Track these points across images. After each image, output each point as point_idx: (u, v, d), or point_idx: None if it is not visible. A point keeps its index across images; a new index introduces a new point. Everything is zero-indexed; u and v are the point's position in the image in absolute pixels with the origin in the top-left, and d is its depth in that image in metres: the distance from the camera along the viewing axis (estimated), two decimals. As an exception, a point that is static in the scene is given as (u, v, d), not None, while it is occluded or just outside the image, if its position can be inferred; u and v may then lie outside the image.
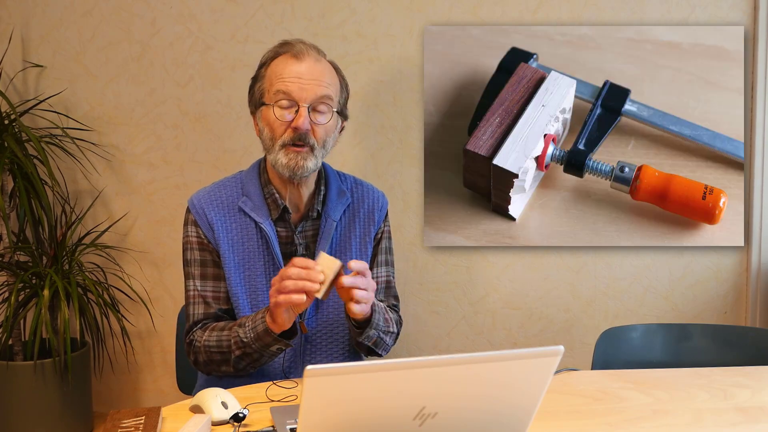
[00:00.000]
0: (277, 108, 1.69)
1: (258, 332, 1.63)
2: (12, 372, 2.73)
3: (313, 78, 1.69)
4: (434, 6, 2.81)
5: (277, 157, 1.70)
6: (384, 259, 1.89)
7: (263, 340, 1.63)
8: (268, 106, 1.71)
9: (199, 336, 1.73)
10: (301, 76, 1.69)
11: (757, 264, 2.82)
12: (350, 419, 1.12)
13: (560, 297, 2.90)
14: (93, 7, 2.88)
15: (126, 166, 2.95)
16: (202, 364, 1.73)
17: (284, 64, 1.71)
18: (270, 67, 1.74)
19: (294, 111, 1.69)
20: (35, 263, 2.83)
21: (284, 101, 1.69)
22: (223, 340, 1.68)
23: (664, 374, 1.74)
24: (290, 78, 1.69)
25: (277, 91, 1.69)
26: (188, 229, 1.78)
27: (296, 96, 1.68)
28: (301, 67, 1.70)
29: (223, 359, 1.69)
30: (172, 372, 2.91)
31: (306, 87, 1.68)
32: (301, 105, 1.68)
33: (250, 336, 1.64)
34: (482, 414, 1.17)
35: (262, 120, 1.73)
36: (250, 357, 1.66)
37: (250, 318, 1.66)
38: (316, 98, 1.69)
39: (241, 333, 1.65)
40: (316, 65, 1.71)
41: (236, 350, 1.66)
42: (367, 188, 1.89)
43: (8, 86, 2.93)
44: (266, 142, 1.73)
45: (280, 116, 1.69)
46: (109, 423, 1.39)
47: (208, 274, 1.76)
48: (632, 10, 2.78)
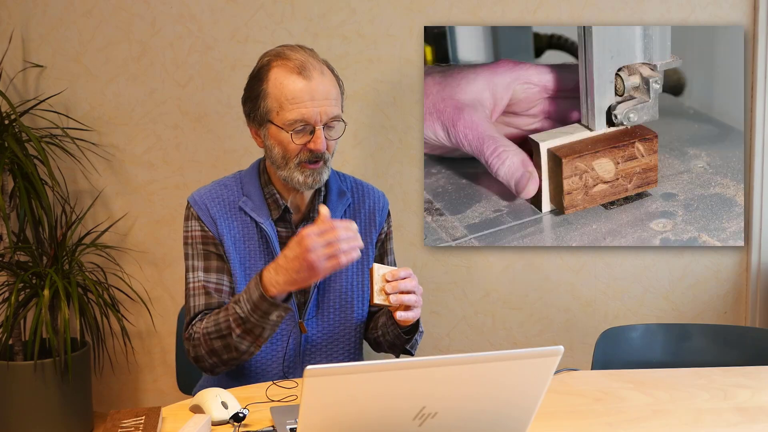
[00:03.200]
0: (295, 135, 1.67)
1: (254, 301, 1.60)
2: (12, 372, 2.73)
3: (325, 98, 1.67)
4: (434, 6, 2.81)
5: (293, 175, 1.69)
6: (392, 260, 1.92)
7: (261, 308, 1.59)
8: (279, 128, 1.68)
9: (197, 327, 1.68)
10: (313, 97, 1.66)
11: (757, 264, 2.82)
12: (350, 419, 1.12)
13: (560, 297, 2.90)
14: (93, 7, 2.88)
15: (126, 166, 2.95)
16: (205, 357, 1.67)
17: (291, 82, 1.66)
18: (273, 82, 1.68)
19: (309, 132, 1.67)
20: (35, 263, 2.83)
21: (300, 126, 1.67)
22: (221, 321, 1.64)
23: (664, 374, 1.74)
24: (303, 102, 1.65)
25: (295, 121, 1.65)
26: (190, 223, 1.75)
27: (313, 120, 1.66)
28: (311, 86, 1.66)
29: (224, 344, 1.64)
30: (172, 372, 2.92)
31: (320, 109, 1.66)
32: (317, 127, 1.66)
33: (247, 308, 1.60)
34: (482, 414, 1.17)
35: (271, 138, 1.70)
36: (252, 333, 1.62)
37: (243, 291, 1.64)
38: (329, 119, 1.68)
39: (237, 309, 1.61)
40: (323, 80, 1.68)
41: (236, 328, 1.62)
42: (368, 189, 1.89)
43: (8, 86, 2.93)
44: (277, 160, 1.70)
45: (298, 141, 1.67)
46: (109, 423, 1.39)
47: (211, 266, 1.74)
48: (632, 10, 2.79)
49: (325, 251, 1.54)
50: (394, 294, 1.60)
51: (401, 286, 1.60)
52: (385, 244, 1.88)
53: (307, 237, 1.54)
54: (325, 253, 1.54)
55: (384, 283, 1.60)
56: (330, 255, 1.54)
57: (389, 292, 1.59)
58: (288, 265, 1.57)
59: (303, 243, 1.54)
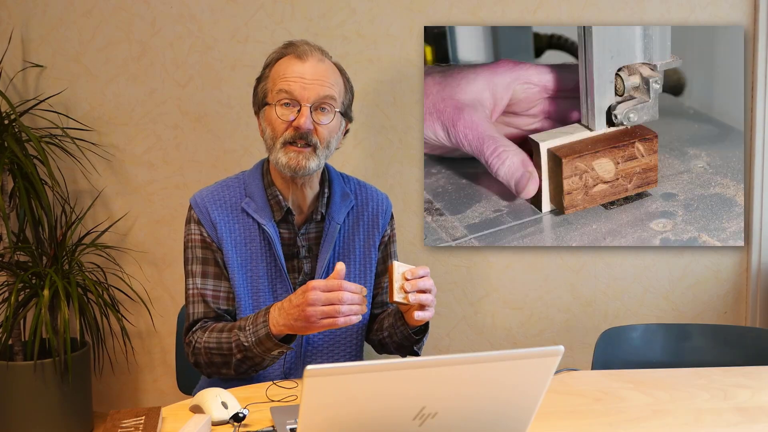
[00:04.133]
0: (279, 107, 1.69)
1: (259, 337, 1.62)
2: (12, 372, 2.73)
3: (315, 78, 1.69)
4: (434, 6, 2.81)
5: (278, 156, 1.69)
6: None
7: (264, 345, 1.62)
8: (270, 105, 1.71)
9: (198, 337, 1.71)
10: (303, 75, 1.68)
11: (757, 264, 2.82)
12: (350, 419, 1.12)
13: (560, 297, 2.90)
14: (93, 7, 2.88)
15: (126, 166, 2.95)
16: (204, 366, 1.72)
17: (287, 64, 1.71)
18: (274, 67, 1.73)
19: (296, 111, 1.69)
20: (35, 263, 2.83)
21: (286, 100, 1.68)
22: (224, 342, 1.67)
23: (664, 374, 1.74)
24: (293, 77, 1.68)
25: (280, 90, 1.68)
26: (191, 227, 1.77)
27: (298, 95, 1.68)
28: (304, 67, 1.69)
29: (223, 362, 1.68)
30: (172, 372, 2.92)
31: (308, 87, 1.68)
32: (303, 105, 1.68)
33: (252, 340, 1.63)
34: (482, 414, 1.17)
35: (265, 120, 1.73)
36: (252, 361, 1.66)
37: (250, 321, 1.65)
38: (318, 98, 1.69)
39: (242, 337, 1.64)
40: (319, 65, 1.70)
41: (237, 354, 1.65)
42: (371, 191, 1.88)
43: (8, 86, 2.93)
44: (268, 142, 1.72)
45: (282, 115, 1.68)
46: (109, 423, 1.39)
47: (209, 272, 1.75)
48: (632, 10, 2.79)
49: (323, 309, 1.53)
50: (413, 293, 1.59)
51: (420, 285, 1.59)
52: (388, 247, 1.88)
53: (311, 290, 1.54)
54: (323, 310, 1.53)
55: (404, 281, 1.59)
56: (328, 314, 1.53)
57: (408, 291, 1.58)
58: (290, 310, 1.58)
59: (306, 294, 1.54)
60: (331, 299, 1.53)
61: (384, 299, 1.86)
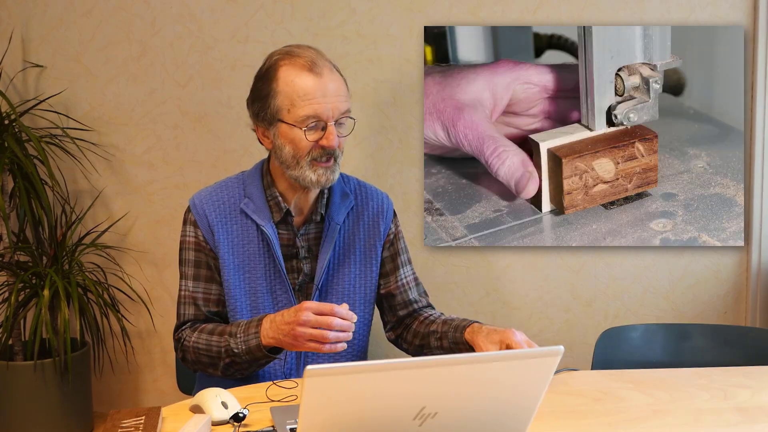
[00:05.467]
0: (309, 132, 1.67)
1: (250, 346, 1.64)
2: (12, 372, 2.73)
3: (336, 95, 1.68)
4: (434, 6, 2.81)
5: (305, 174, 1.69)
6: (407, 258, 1.91)
7: (254, 354, 1.65)
8: (291, 126, 1.67)
9: (188, 335, 1.74)
10: (325, 93, 1.66)
11: (757, 264, 2.82)
12: (350, 419, 1.12)
13: (560, 297, 2.90)
14: (93, 7, 2.88)
15: (126, 166, 2.95)
16: (190, 362, 1.75)
17: (302, 79, 1.67)
18: (283, 80, 1.68)
19: (321, 129, 1.68)
20: (35, 263, 2.83)
21: (313, 123, 1.67)
22: (213, 345, 1.69)
23: (664, 374, 1.74)
24: (316, 98, 1.66)
25: (307, 117, 1.66)
26: (187, 228, 1.78)
27: (325, 116, 1.66)
28: (322, 82, 1.67)
29: (210, 363, 1.70)
30: (172, 372, 2.92)
31: (331, 105, 1.66)
32: (329, 123, 1.67)
33: (242, 348, 1.65)
34: (482, 414, 1.17)
35: (281, 137, 1.69)
36: (239, 366, 1.68)
37: (241, 329, 1.66)
38: (340, 115, 1.69)
39: (232, 343, 1.66)
40: (333, 77, 1.69)
41: (226, 358, 1.67)
42: (371, 190, 1.88)
43: (8, 86, 2.93)
44: (287, 160, 1.70)
45: (312, 138, 1.67)
46: (109, 423, 1.39)
47: (201, 275, 1.77)
48: (632, 10, 2.79)
49: (311, 332, 1.54)
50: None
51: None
52: (395, 245, 1.88)
53: (304, 311, 1.55)
54: (311, 333, 1.55)
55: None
56: (315, 337, 1.55)
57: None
58: (281, 325, 1.60)
59: (298, 314, 1.56)
60: (321, 323, 1.54)
61: (405, 298, 1.87)
